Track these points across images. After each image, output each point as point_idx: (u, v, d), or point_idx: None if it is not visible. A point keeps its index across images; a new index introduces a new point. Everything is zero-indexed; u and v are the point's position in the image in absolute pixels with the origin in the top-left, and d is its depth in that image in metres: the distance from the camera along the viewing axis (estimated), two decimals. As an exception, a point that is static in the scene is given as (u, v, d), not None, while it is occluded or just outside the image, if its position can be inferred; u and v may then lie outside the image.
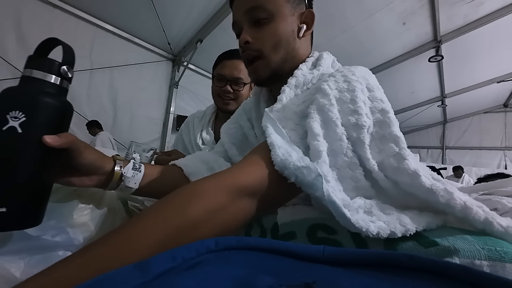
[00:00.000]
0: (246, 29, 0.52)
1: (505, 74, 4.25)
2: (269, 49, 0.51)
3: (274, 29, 0.51)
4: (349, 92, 0.41)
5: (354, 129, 0.39)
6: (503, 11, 2.79)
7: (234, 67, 1.01)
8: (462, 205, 0.35)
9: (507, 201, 0.52)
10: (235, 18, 0.56)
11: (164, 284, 0.19)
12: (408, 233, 0.34)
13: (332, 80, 0.43)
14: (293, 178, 0.35)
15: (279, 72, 0.53)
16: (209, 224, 0.32)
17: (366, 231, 0.33)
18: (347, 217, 0.33)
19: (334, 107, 0.40)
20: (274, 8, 0.50)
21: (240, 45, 0.54)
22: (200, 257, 0.24)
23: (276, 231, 0.45)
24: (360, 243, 0.38)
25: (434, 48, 3.32)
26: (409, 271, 0.21)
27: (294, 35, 0.53)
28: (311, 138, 0.38)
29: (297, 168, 0.35)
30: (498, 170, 4.43)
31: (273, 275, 0.20)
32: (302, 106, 0.45)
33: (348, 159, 0.39)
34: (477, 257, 0.31)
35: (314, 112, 0.40)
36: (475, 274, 0.19)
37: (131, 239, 0.28)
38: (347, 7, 2.64)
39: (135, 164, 0.49)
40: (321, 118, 0.40)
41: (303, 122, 0.41)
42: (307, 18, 0.55)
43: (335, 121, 0.39)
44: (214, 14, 2.82)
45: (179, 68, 3.78)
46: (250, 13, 0.51)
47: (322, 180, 0.34)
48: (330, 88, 0.42)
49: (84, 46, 2.87)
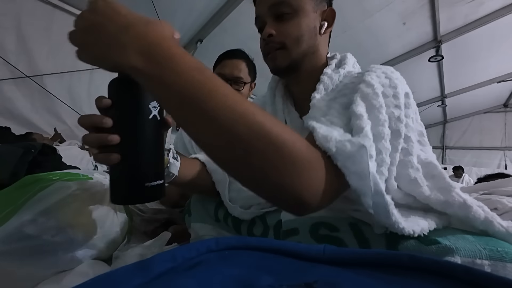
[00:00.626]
0: (270, 23, 0.54)
1: (505, 74, 4.24)
2: (292, 41, 0.53)
3: (297, 23, 0.52)
4: (392, 88, 0.42)
5: (395, 122, 0.39)
6: (503, 11, 2.78)
7: (235, 66, 1.01)
8: (461, 202, 0.36)
9: (507, 200, 0.52)
10: (258, 13, 0.57)
11: (164, 284, 0.19)
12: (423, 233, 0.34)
13: (373, 74, 0.43)
14: (333, 149, 0.34)
15: (298, 65, 0.55)
16: None
17: (398, 227, 0.33)
18: (386, 201, 0.33)
19: (379, 96, 0.40)
20: (298, 4, 0.52)
21: (264, 37, 0.55)
22: (200, 256, 0.24)
23: (279, 228, 0.46)
24: (362, 241, 0.38)
25: (434, 48, 3.32)
26: (409, 270, 0.21)
27: (315, 31, 0.55)
28: (354, 119, 0.38)
29: (338, 141, 0.34)
30: (498, 170, 4.43)
31: (274, 274, 0.20)
32: (342, 99, 0.44)
33: (386, 148, 0.38)
34: (478, 256, 0.31)
35: (358, 98, 0.40)
36: (476, 274, 0.18)
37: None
38: (347, 7, 2.64)
39: (174, 153, 0.51)
40: (366, 105, 0.39)
41: (346, 113, 0.41)
42: (328, 16, 0.56)
43: (379, 109, 0.39)
44: (214, 14, 2.82)
45: (179, 68, 3.78)
46: (275, 8, 0.53)
47: (366, 151, 0.33)
48: (373, 79, 0.42)
49: (84, 46, 2.86)
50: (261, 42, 0.57)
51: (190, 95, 0.29)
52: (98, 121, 0.34)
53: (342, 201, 0.41)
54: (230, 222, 0.56)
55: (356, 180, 0.33)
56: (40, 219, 0.44)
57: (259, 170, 0.30)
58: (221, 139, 0.30)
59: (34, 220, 0.43)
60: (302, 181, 0.31)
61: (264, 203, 0.51)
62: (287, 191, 0.31)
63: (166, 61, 0.29)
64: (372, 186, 0.32)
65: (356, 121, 0.37)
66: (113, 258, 0.49)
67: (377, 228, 0.38)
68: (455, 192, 0.38)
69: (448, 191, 0.38)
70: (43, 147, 0.91)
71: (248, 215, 0.52)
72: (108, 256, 0.52)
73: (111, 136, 0.33)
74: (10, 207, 0.45)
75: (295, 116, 0.59)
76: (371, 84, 0.41)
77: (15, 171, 0.77)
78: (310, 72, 0.56)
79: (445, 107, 5.32)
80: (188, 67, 0.29)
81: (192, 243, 0.25)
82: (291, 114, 0.60)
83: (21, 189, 0.49)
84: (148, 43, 0.29)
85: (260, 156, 0.30)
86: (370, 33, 3.00)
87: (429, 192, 0.39)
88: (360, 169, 0.32)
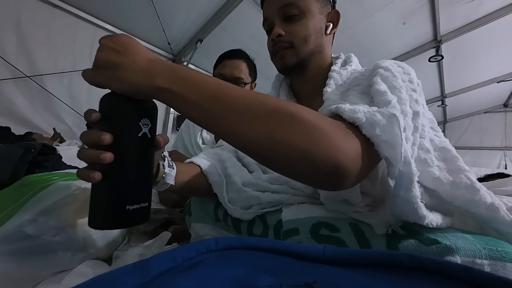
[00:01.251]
0: (279, 24, 0.56)
1: (505, 74, 4.24)
2: (300, 41, 0.55)
3: (304, 24, 0.55)
4: (406, 75, 0.44)
5: (413, 104, 0.40)
6: (503, 11, 2.78)
7: (235, 66, 1.01)
8: (469, 184, 0.36)
9: (507, 200, 0.52)
10: (266, 15, 0.59)
11: (164, 284, 0.19)
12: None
13: (387, 62, 0.45)
14: (363, 119, 0.33)
15: (305, 63, 0.57)
16: None
17: (416, 201, 0.33)
18: (412, 171, 0.33)
19: (398, 78, 0.41)
20: (305, 6, 0.55)
21: (272, 38, 0.57)
22: (200, 256, 0.24)
23: (280, 228, 0.46)
24: (362, 241, 0.38)
25: (434, 48, 3.32)
26: (409, 270, 0.21)
27: (322, 31, 0.58)
28: (379, 96, 0.38)
29: (367, 112, 0.34)
30: (498, 170, 4.42)
31: (274, 274, 0.20)
32: (357, 87, 0.46)
33: (409, 125, 0.38)
34: (478, 256, 0.31)
35: (379, 79, 0.41)
36: (476, 274, 0.18)
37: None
38: (347, 7, 2.63)
39: (169, 161, 0.49)
40: (387, 85, 0.40)
41: (365, 96, 0.41)
42: (333, 18, 0.60)
43: (400, 89, 0.40)
44: (214, 14, 2.82)
45: (179, 68, 3.78)
46: (283, 9, 0.55)
47: (397, 120, 0.33)
48: (390, 65, 0.43)
49: (84, 46, 2.86)
50: (269, 42, 0.59)
51: (213, 102, 0.33)
52: (96, 138, 0.33)
53: (343, 204, 0.41)
54: (230, 222, 0.55)
55: (387, 149, 0.32)
56: (40, 219, 0.44)
57: (286, 144, 0.31)
58: (257, 133, 0.31)
59: (34, 220, 0.43)
60: (335, 143, 0.31)
61: (266, 202, 0.51)
62: (320, 156, 0.30)
63: (187, 80, 0.33)
64: (402, 153, 0.32)
65: (382, 97, 0.37)
66: (113, 258, 0.49)
67: (377, 228, 0.38)
68: (465, 174, 0.38)
69: (457, 173, 0.38)
70: (43, 147, 0.91)
71: (249, 215, 0.52)
72: (108, 256, 0.52)
73: (103, 154, 0.32)
74: (10, 207, 0.45)
75: None
76: (389, 68, 0.43)
77: (15, 171, 0.76)
78: (316, 71, 0.59)
79: (445, 107, 5.32)
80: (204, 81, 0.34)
81: (191, 243, 0.25)
82: None
83: (21, 189, 0.49)
84: (174, 69, 0.34)
85: (285, 129, 0.31)
86: (370, 33, 3.00)
87: (438, 172, 0.39)
88: (391, 137, 0.32)
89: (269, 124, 0.31)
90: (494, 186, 0.63)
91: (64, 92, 2.75)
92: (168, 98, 0.34)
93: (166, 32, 3.07)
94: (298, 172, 0.33)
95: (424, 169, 0.39)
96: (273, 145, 0.31)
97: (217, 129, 0.33)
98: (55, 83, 2.66)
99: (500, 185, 0.62)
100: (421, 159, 0.40)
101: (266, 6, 0.59)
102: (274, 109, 0.32)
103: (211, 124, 0.33)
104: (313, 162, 0.30)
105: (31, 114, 2.59)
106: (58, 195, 0.47)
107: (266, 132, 0.31)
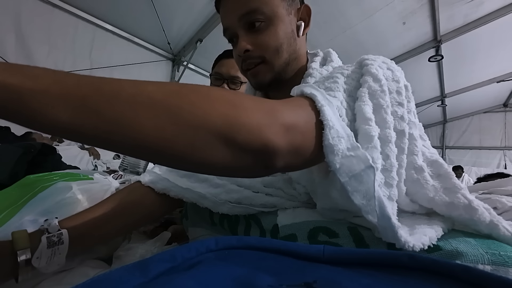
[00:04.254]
0: (243, 36, 0.48)
1: (505, 74, 4.24)
2: (272, 54, 0.48)
3: (273, 32, 0.47)
4: (394, 83, 0.39)
5: (398, 122, 0.38)
6: (503, 11, 2.78)
7: (231, 65, 1.01)
8: (467, 204, 0.35)
9: (507, 200, 0.52)
10: (227, 24, 0.50)
11: (163, 283, 0.18)
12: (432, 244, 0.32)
13: (375, 64, 0.39)
14: (337, 165, 0.30)
15: (282, 76, 0.51)
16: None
17: (408, 247, 0.30)
18: (393, 225, 0.30)
19: (386, 95, 0.37)
20: (270, 10, 0.47)
21: (239, 54, 0.49)
22: (200, 256, 0.24)
23: (276, 233, 0.45)
24: (362, 247, 0.38)
25: (434, 48, 3.32)
26: (409, 270, 0.21)
27: (294, 35, 0.50)
28: (363, 122, 0.35)
29: (345, 157, 0.31)
30: (498, 170, 4.43)
31: (273, 274, 0.20)
32: (341, 78, 0.40)
33: (393, 151, 0.36)
34: (481, 261, 0.30)
35: (366, 96, 0.37)
36: (476, 274, 0.18)
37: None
38: (347, 6, 2.64)
39: (51, 237, 0.34)
40: (373, 104, 0.37)
41: (351, 102, 0.38)
42: (303, 14, 0.52)
43: (386, 109, 0.37)
44: (214, 14, 2.81)
45: (179, 68, 3.78)
46: (245, 17, 0.47)
47: (374, 173, 0.30)
48: (378, 72, 0.38)
49: (83, 45, 2.86)
50: (236, 57, 0.51)
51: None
52: None
53: (341, 212, 0.40)
54: (226, 226, 0.55)
55: (359, 199, 0.30)
56: (40, 219, 0.44)
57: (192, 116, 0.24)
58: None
59: (35, 220, 0.43)
60: (258, 118, 0.27)
61: (259, 204, 0.47)
62: (243, 134, 0.25)
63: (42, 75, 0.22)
64: (377, 210, 0.30)
65: (365, 126, 0.34)
66: (113, 258, 0.49)
67: (378, 233, 0.36)
68: (461, 193, 0.36)
69: (454, 192, 0.36)
70: (42, 147, 0.91)
71: (239, 209, 0.48)
72: (108, 256, 0.52)
73: None
74: (11, 207, 0.45)
75: None
76: (378, 78, 0.38)
77: (15, 171, 0.77)
78: (294, 76, 0.52)
79: (444, 107, 5.32)
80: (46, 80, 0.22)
81: (191, 243, 0.25)
82: None
83: (21, 189, 0.49)
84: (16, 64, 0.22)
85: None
86: (370, 33, 3.00)
87: (434, 193, 0.37)
88: (365, 189, 0.30)
89: (172, 106, 0.24)
90: (494, 186, 0.63)
91: (64, 92, 2.75)
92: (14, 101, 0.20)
93: (166, 31, 3.07)
94: (219, 161, 0.26)
95: (417, 190, 0.38)
96: (182, 131, 0.24)
97: (91, 127, 0.22)
98: (55, 83, 2.66)
99: (500, 185, 0.62)
100: (413, 180, 0.38)
101: (224, 13, 0.50)
102: (175, 90, 0.25)
103: (83, 123, 0.22)
104: (235, 143, 0.26)
105: (31, 114, 2.59)
106: (59, 195, 0.47)
107: (170, 116, 0.24)
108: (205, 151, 0.25)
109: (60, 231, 0.36)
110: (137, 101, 0.23)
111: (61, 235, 0.35)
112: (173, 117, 0.24)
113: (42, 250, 0.32)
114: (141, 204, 0.49)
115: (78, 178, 0.53)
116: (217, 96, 0.27)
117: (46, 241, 0.33)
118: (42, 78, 0.21)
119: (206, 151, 0.25)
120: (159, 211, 0.52)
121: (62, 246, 0.35)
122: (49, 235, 0.33)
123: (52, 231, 0.34)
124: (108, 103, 0.22)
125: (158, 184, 0.50)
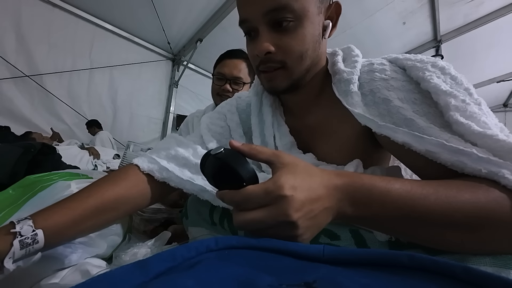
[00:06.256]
0: (266, 35, 0.42)
1: (505, 74, 4.24)
2: (295, 60, 0.43)
3: (301, 36, 0.42)
4: (459, 85, 0.38)
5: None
6: (503, 10, 2.78)
7: (234, 66, 1.01)
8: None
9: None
10: (247, 16, 0.43)
11: (163, 283, 0.18)
12: None
13: (436, 78, 0.37)
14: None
15: (299, 83, 0.46)
16: None
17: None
18: None
19: (471, 106, 0.35)
20: (301, 7, 0.40)
21: (258, 54, 0.43)
22: (200, 256, 0.24)
23: None
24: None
25: (434, 48, 3.32)
26: (409, 270, 0.21)
27: (319, 38, 0.45)
28: (486, 138, 0.33)
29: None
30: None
31: (273, 274, 0.20)
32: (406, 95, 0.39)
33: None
34: (482, 263, 0.30)
35: (457, 116, 0.35)
36: (475, 274, 0.18)
37: None
38: (347, 6, 2.63)
39: (24, 240, 0.32)
40: (464, 116, 0.35)
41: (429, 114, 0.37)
42: (332, 13, 0.46)
43: (488, 114, 0.36)
44: (214, 14, 2.81)
45: (179, 68, 3.78)
46: (272, 14, 0.40)
47: None
48: (447, 87, 0.37)
49: (83, 45, 2.86)
50: (253, 56, 0.45)
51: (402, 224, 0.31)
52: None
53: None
54: (227, 226, 0.54)
55: None
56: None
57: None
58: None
59: (34, 219, 0.43)
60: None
61: None
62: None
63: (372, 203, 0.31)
64: None
65: (491, 139, 0.32)
66: (113, 257, 0.49)
67: (380, 235, 0.37)
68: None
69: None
70: (42, 147, 0.91)
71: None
72: (108, 255, 0.52)
73: None
74: (10, 206, 0.45)
75: (285, 130, 0.54)
76: (455, 95, 0.35)
77: (15, 171, 0.77)
78: (311, 82, 0.48)
79: (444, 107, 5.32)
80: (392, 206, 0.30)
81: (191, 243, 0.25)
82: (281, 129, 0.54)
83: (21, 189, 0.49)
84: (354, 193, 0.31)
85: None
86: (370, 32, 3.00)
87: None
88: None
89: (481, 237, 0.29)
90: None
91: (64, 91, 2.75)
92: (355, 221, 0.34)
93: (166, 31, 3.07)
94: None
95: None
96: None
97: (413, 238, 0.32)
98: (54, 82, 2.66)
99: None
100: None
101: (247, 4, 0.42)
102: (483, 218, 0.29)
103: (407, 236, 0.33)
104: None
105: (31, 114, 2.59)
106: (58, 195, 0.47)
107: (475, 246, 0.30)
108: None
109: (35, 232, 0.34)
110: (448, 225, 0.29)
111: (35, 236, 0.34)
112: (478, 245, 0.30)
113: (15, 252, 0.31)
114: (139, 192, 0.48)
115: (78, 177, 0.53)
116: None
117: (19, 244, 0.32)
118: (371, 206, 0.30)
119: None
120: (155, 198, 0.51)
121: (37, 245, 0.34)
122: (21, 238, 0.32)
123: (25, 234, 0.33)
124: (426, 232, 0.30)
125: (158, 173, 0.49)
